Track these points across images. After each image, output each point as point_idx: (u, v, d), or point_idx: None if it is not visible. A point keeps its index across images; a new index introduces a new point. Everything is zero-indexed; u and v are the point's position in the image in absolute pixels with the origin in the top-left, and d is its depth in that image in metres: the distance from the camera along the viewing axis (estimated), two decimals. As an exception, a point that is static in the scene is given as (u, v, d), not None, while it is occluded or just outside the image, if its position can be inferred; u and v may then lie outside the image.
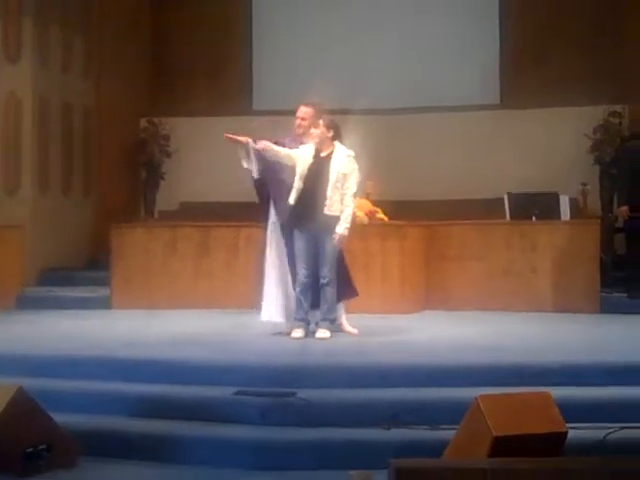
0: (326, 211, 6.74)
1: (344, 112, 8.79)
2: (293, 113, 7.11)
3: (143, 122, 12.12)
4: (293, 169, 6.84)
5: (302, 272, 6.84)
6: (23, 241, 9.75)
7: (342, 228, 6.76)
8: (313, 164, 6.82)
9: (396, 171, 10.86)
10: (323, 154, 6.87)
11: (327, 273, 6.81)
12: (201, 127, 11.83)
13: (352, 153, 6.88)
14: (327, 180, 6.76)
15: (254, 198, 7.30)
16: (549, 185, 9.58)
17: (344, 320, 7.15)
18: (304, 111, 6.98)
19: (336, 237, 6.76)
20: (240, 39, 12.34)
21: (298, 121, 6.98)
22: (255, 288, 7.21)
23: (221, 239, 9.11)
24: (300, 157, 6.85)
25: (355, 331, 7.10)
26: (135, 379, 5.70)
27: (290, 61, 12.07)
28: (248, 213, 8.17)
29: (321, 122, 6.86)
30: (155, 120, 12.02)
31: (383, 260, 8.58)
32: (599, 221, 8.91)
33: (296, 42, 12.17)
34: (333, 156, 6.84)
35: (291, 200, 6.79)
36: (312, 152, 6.86)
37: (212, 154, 11.73)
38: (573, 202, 9.39)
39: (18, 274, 9.66)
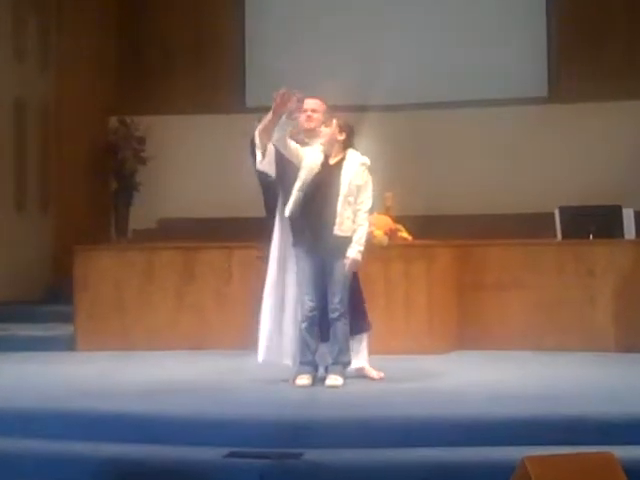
0: (336, 231, 6.75)
1: (357, 109, 8.83)
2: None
3: (113, 121, 12.18)
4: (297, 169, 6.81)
5: (307, 305, 6.84)
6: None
7: (355, 251, 6.76)
8: (319, 173, 6.82)
9: (421, 180, 10.88)
10: (332, 161, 6.88)
11: (338, 306, 6.80)
12: (183, 127, 11.88)
13: (367, 161, 6.89)
14: (337, 194, 6.77)
15: (248, 212, 7.30)
16: (609, 196, 9.60)
17: (366, 362, 7.14)
18: (315, 102, 7.00)
19: (348, 262, 6.77)
20: (230, 20, 12.38)
21: (307, 113, 6.97)
22: (252, 323, 7.21)
23: (209, 263, 9.13)
24: (306, 158, 6.83)
25: (381, 375, 7.09)
26: (105, 438, 5.69)
27: (292, 47, 12.09)
28: (242, 231, 8.18)
29: (335, 121, 6.88)
30: (127, 119, 12.07)
31: (407, 288, 8.59)
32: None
33: (299, 23, 12.20)
34: (344, 164, 6.85)
35: (287, 212, 6.80)
36: (320, 158, 6.86)
37: (197, 160, 11.79)
38: (639, 216, 9.38)
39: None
